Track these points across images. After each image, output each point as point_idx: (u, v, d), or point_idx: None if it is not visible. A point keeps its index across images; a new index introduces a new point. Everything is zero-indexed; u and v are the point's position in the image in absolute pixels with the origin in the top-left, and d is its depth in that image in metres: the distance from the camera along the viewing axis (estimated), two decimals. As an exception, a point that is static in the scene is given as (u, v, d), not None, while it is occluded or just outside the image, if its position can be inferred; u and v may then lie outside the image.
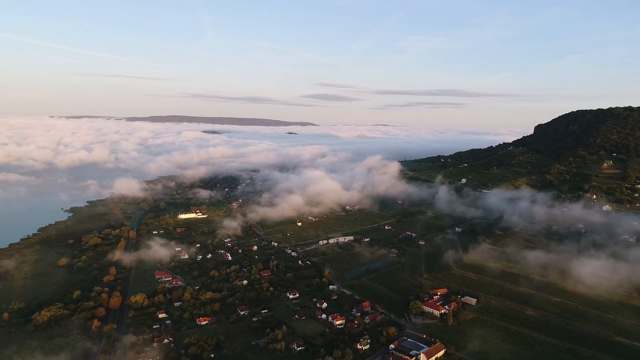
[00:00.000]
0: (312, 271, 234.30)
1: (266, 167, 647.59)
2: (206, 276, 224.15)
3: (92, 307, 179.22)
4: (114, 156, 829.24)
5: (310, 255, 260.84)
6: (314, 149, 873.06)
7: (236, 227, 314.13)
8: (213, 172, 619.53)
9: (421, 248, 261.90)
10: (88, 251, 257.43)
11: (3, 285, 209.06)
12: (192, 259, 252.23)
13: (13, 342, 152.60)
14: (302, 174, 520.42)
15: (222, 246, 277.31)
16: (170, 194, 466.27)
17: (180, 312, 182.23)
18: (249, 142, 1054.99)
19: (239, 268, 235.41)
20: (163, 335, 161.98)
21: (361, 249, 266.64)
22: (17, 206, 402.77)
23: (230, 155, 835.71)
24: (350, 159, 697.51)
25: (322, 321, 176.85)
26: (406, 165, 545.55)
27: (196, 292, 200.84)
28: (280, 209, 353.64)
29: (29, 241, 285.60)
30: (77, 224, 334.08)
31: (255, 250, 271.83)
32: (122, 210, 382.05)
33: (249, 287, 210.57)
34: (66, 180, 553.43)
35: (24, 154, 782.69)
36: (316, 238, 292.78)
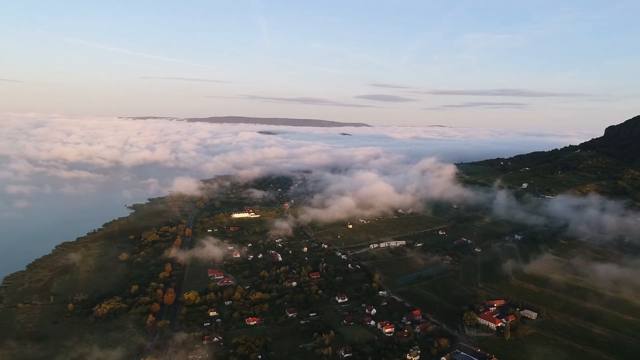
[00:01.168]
0: (361, 275, 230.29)
1: (318, 168, 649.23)
2: (256, 276, 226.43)
3: (147, 302, 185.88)
4: (175, 156, 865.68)
5: (360, 258, 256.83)
6: (367, 150, 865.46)
7: (287, 228, 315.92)
8: (267, 173, 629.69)
9: (477, 256, 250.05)
10: (147, 247, 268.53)
11: (69, 277, 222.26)
12: (243, 258, 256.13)
13: (75, 333, 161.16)
14: (355, 175, 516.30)
15: (273, 246, 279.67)
16: (225, 194, 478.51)
17: (230, 311, 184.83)
18: (303, 143, 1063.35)
19: (288, 269, 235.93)
20: (213, 333, 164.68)
21: (413, 254, 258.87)
22: (86, 202, 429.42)
23: (284, 155, 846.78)
24: (404, 161, 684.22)
25: (370, 328, 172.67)
26: (462, 168, 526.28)
27: (246, 292, 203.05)
28: (331, 211, 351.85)
29: (94, 236, 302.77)
30: (138, 220, 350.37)
31: (305, 251, 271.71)
32: (180, 208, 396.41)
33: (298, 289, 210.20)
34: (130, 178, 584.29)
35: (94, 153, 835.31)
36: (367, 241, 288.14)
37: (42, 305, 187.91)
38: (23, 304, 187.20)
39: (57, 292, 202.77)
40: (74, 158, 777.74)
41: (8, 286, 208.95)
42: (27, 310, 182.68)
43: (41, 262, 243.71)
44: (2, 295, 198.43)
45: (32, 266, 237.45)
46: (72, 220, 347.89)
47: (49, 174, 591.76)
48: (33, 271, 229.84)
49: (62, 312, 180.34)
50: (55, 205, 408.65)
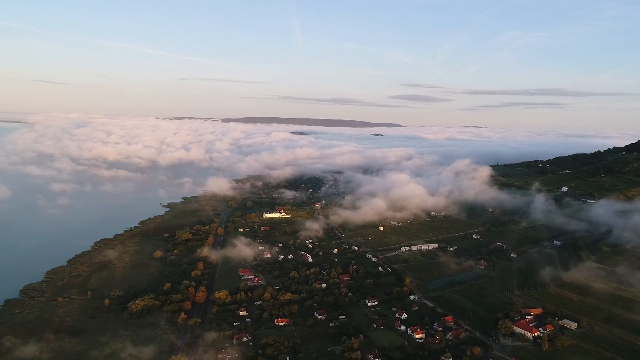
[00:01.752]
0: (392, 279, 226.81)
1: (350, 168, 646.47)
2: (286, 277, 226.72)
3: (179, 300, 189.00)
4: (209, 155, 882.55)
5: (391, 261, 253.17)
6: (399, 151, 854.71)
7: (318, 229, 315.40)
8: (298, 173, 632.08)
9: (513, 261, 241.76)
10: (180, 245, 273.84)
11: (106, 273, 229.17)
12: (274, 258, 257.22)
13: (110, 329, 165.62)
14: (386, 176, 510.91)
15: (303, 247, 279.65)
16: (257, 193, 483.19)
17: (260, 312, 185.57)
18: (335, 144, 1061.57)
19: (318, 270, 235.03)
20: (242, 333, 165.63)
21: (446, 258, 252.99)
22: (124, 200, 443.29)
23: (316, 156, 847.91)
24: (437, 162, 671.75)
25: (400, 333, 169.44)
26: (498, 170, 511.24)
27: (276, 292, 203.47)
28: (362, 212, 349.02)
29: (130, 233, 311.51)
30: (172, 218, 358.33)
31: (336, 253, 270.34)
32: (213, 207, 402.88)
33: (328, 290, 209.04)
34: (166, 177, 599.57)
35: (132, 152, 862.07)
36: (398, 244, 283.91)
37: (80, 300, 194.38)
38: (63, 298, 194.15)
39: (94, 287, 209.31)
40: (114, 157, 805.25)
41: (49, 280, 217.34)
42: (66, 304, 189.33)
43: (80, 258, 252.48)
44: (44, 289, 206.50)
45: (72, 261, 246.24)
46: (110, 217, 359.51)
47: (90, 172, 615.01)
48: (73, 266, 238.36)
49: (99, 307, 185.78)
50: (95, 202, 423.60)
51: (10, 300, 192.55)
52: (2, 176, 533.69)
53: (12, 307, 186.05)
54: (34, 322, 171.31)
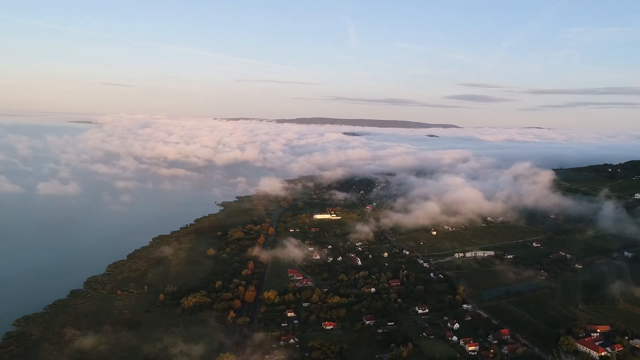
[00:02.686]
0: (444, 286, 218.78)
1: (403, 170, 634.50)
2: (335, 279, 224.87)
3: (229, 299, 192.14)
4: (263, 156, 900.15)
5: (443, 268, 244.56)
6: (454, 153, 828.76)
7: (368, 232, 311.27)
8: (350, 174, 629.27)
9: (577, 273, 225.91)
10: (232, 244, 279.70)
11: (162, 268, 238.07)
12: (323, 260, 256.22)
13: (163, 324, 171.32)
14: (440, 179, 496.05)
15: (353, 250, 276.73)
16: (308, 194, 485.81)
17: (307, 314, 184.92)
18: (387, 145, 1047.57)
19: (367, 274, 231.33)
20: (290, 334, 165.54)
21: (503, 266, 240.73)
22: (181, 198, 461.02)
23: (368, 157, 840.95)
24: (495, 165, 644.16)
25: (452, 344, 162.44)
26: (562, 174, 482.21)
27: (324, 295, 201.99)
28: (414, 216, 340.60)
29: (186, 230, 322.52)
30: (225, 217, 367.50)
31: (386, 257, 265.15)
32: (265, 207, 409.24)
33: (377, 295, 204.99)
34: (221, 176, 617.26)
35: (190, 152, 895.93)
36: (451, 250, 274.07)
37: (137, 294, 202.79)
38: (122, 291, 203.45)
39: (150, 282, 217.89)
40: (173, 156, 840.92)
41: (110, 274, 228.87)
42: (124, 297, 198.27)
43: (139, 253, 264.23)
44: (105, 281, 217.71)
45: (132, 256, 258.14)
46: (167, 214, 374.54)
47: (151, 171, 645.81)
48: (132, 261, 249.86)
49: (154, 302, 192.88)
50: (155, 200, 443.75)
51: (75, 290, 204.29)
52: (73, 173, 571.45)
53: (77, 297, 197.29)
54: (95, 313, 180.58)
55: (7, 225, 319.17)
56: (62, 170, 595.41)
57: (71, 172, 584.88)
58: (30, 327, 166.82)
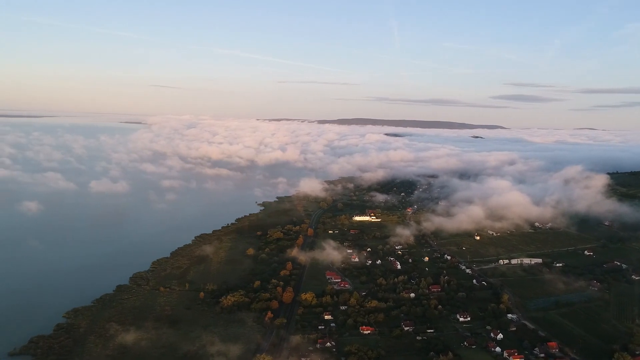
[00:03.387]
0: (487, 293, 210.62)
1: (445, 173, 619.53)
2: (373, 283, 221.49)
3: (267, 299, 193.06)
4: (303, 156, 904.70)
5: (487, 274, 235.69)
6: (501, 155, 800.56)
7: (408, 235, 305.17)
8: (391, 176, 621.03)
9: (635, 284, 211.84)
10: (271, 244, 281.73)
11: (203, 267, 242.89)
12: (361, 263, 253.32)
13: (202, 322, 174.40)
14: (485, 182, 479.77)
15: (392, 253, 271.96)
16: (348, 195, 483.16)
17: (344, 317, 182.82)
18: (430, 146, 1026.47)
19: (407, 279, 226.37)
20: (327, 338, 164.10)
21: (551, 275, 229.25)
22: (223, 197, 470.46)
23: (410, 159, 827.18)
24: (544, 168, 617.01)
25: (495, 355, 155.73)
26: (617, 178, 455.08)
27: (362, 299, 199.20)
28: (457, 220, 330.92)
29: (227, 229, 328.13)
30: (266, 217, 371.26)
31: (426, 261, 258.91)
32: (304, 207, 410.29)
33: (416, 301, 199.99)
34: (262, 177, 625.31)
35: (233, 152, 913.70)
36: (496, 256, 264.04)
37: (179, 291, 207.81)
38: (164, 288, 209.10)
39: (192, 279, 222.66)
40: (217, 156, 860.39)
41: (154, 270, 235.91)
42: (166, 294, 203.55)
43: (182, 251, 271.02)
44: (149, 278, 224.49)
45: (175, 254, 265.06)
46: (210, 213, 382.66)
47: (195, 170, 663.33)
48: (175, 258, 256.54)
49: (195, 299, 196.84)
50: (198, 199, 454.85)
51: (121, 286, 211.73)
52: (123, 172, 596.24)
53: (122, 292, 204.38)
54: (139, 308, 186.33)
55: (62, 221, 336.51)
56: (113, 169, 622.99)
57: (121, 170, 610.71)
58: (78, 320, 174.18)
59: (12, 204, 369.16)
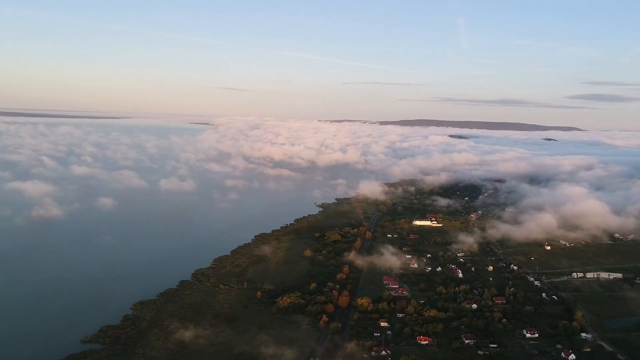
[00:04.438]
0: (558, 309, 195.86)
1: (514, 177, 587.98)
2: (432, 291, 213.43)
3: (323, 302, 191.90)
4: (364, 158, 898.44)
5: (558, 288, 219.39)
6: (576, 160, 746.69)
7: (472, 242, 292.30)
8: (454, 179, 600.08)
9: None
10: (328, 246, 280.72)
11: (261, 266, 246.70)
12: (421, 269, 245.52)
13: (258, 321, 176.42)
14: (558, 189, 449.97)
15: (454, 261, 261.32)
16: (409, 199, 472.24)
17: (401, 325, 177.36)
18: (497, 149, 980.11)
19: (469, 289, 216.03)
20: (382, 346, 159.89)
21: (633, 293, 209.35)
22: (283, 197, 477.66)
23: (475, 162, 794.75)
24: (627, 174, 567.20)
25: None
26: None
27: (420, 307, 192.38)
28: (525, 228, 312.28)
29: (286, 229, 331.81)
30: (324, 218, 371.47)
31: (490, 271, 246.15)
32: (363, 210, 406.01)
33: (478, 313, 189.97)
34: (322, 178, 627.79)
35: (295, 153, 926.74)
36: (569, 269, 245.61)
37: (237, 289, 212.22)
38: (223, 286, 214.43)
39: (250, 278, 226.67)
40: (279, 157, 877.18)
41: (215, 268, 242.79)
42: (225, 291, 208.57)
43: (242, 249, 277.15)
44: (210, 274, 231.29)
45: (235, 252, 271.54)
46: (270, 213, 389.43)
47: (258, 170, 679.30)
48: (235, 257, 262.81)
49: (252, 298, 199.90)
50: (259, 198, 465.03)
51: (184, 281, 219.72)
52: (190, 171, 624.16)
53: (185, 288, 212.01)
54: (199, 304, 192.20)
55: (133, 217, 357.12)
56: (181, 168, 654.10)
57: (189, 169, 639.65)
58: (144, 312, 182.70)
59: (90, 199, 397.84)
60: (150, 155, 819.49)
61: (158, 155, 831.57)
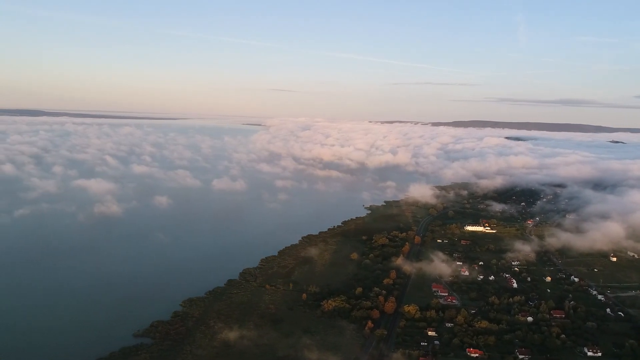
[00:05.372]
0: (625, 327, 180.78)
1: (576, 182, 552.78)
2: (484, 301, 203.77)
3: (368, 307, 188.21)
4: (415, 160, 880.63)
5: (625, 304, 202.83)
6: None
7: (528, 250, 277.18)
8: (510, 184, 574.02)
9: None
10: (376, 250, 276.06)
11: (308, 268, 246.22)
12: (472, 277, 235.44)
13: (303, 324, 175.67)
14: (626, 195, 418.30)
15: (508, 270, 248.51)
16: (461, 203, 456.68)
17: (450, 335, 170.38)
18: (558, 152, 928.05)
19: (524, 300, 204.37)
20: (429, 356, 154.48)
21: None
22: (331, 199, 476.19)
23: (533, 165, 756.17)
24: None
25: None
26: None
27: (470, 317, 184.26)
28: (588, 237, 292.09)
29: (333, 231, 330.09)
30: (372, 221, 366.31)
31: (548, 282, 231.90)
32: (412, 213, 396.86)
33: (534, 326, 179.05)
34: (371, 180, 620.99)
35: (344, 154, 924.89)
36: (638, 283, 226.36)
37: (283, 290, 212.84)
38: (270, 286, 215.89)
39: (296, 280, 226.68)
40: (328, 158, 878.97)
41: (262, 267, 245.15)
42: (272, 292, 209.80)
43: (289, 250, 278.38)
44: (257, 274, 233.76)
45: (282, 253, 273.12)
46: (317, 214, 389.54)
47: (307, 171, 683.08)
48: (281, 257, 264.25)
49: (297, 300, 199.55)
50: (307, 199, 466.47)
51: (232, 280, 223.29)
52: (242, 171, 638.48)
53: (232, 287, 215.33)
54: (246, 304, 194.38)
55: (185, 215, 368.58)
56: (233, 168, 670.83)
57: (240, 170, 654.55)
58: (192, 310, 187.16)
59: (147, 197, 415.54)
60: (204, 155, 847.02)
61: (212, 155, 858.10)
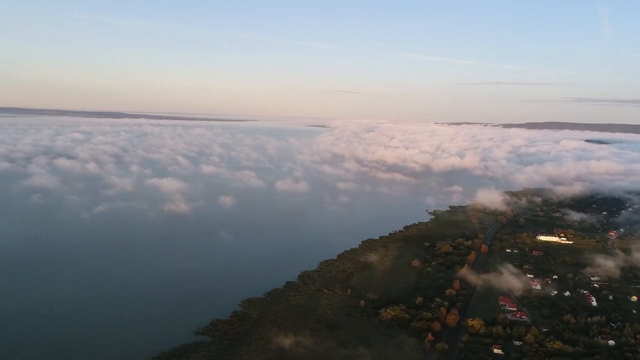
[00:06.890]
0: None
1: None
2: (558, 319, 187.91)
3: (429, 319, 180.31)
4: (483, 164, 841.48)
5: None
6: None
7: (611, 266, 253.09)
8: (590, 191, 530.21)
9: None
10: (438, 258, 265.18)
11: (367, 273, 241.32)
12: (544, 292, 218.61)
13: (360, 332, 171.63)
14: None
15: (587, 286, 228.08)
16: (533, 210, 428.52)
17: (518, 355, 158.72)
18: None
19: (605, 320, 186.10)
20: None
21: None
22: (394, 202, 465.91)
23: (618, 171, 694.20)
24: None
25: None
26: None
27: (542, 336, 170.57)
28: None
29: (394, 237, 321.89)
30: (435, 227, 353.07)
31: (635, 301, 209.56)
32: (479, 220, 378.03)
33: (616, 351, 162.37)
34: (436, 183, 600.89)
35: (409, 157, 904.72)
36: None
37: (341, 295, 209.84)
38: (327, 290, 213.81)
39: (355, 285, 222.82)
40: (392, 161, 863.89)
41: (321, 271, 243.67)
42: (329, 296, 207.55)
43: (348, 254, 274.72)
44: (315, 278, 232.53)
45: (341, 256, 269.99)
46: (378, 218, 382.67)
47: (370, 174, 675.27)
48: (340, 261, 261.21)
49: (355, 306, 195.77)
50: (369, 202, 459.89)
51: (290, 282, 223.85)
52: (305, 173, 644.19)
53: (290, 289, 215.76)
54: (303, 307, 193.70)
55: (248, 215, 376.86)
56: (297, 169, 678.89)
57: (303, 171, 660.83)
58: (251, 310, 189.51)
59: (214, 197, 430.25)
60: (269, 156, 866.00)
61: (276, 157, 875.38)
